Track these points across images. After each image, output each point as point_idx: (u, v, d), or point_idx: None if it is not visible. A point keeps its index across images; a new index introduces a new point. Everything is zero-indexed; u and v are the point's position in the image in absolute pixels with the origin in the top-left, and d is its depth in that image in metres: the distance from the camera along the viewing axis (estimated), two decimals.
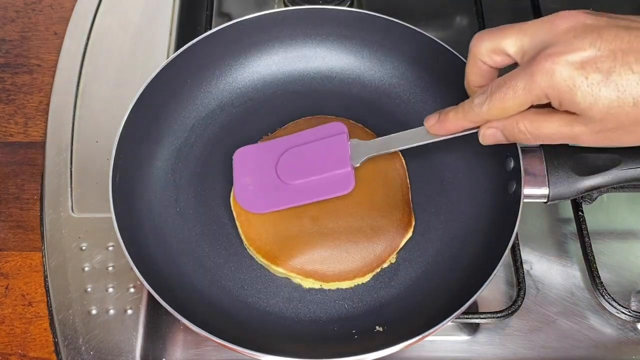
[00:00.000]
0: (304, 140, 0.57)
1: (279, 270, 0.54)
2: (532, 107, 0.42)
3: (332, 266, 0.54)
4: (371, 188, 0.56)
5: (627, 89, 0.38)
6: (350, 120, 0.61)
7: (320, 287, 0.54)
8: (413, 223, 0.56)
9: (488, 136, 0.46)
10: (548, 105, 0.42)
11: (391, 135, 0.54)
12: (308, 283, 0.54)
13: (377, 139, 0.55)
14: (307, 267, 0.54)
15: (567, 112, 0.41)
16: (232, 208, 0.57)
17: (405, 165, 0.59)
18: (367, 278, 0.54)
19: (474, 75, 0.47)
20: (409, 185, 0.58)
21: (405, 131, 0.52)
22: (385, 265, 0.55)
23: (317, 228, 0.54)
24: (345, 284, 0.54)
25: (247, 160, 0.57)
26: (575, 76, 0.39)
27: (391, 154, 0.58)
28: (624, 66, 0.38)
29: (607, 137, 0.41)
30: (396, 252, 0.55)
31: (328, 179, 0.54)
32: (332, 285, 0.54)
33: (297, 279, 0.54)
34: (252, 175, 0.56)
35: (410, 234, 0.56)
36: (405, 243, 0.56)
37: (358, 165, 0.55)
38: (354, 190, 0.55)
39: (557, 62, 0.39)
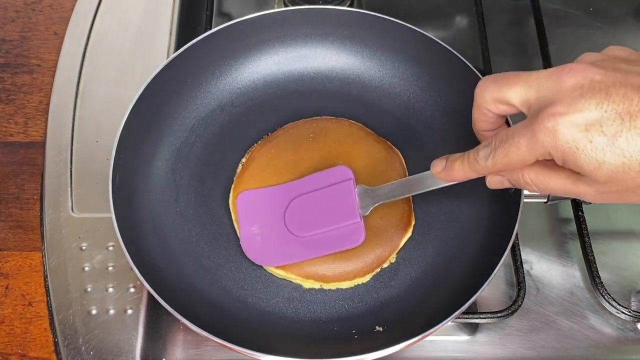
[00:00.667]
0: (310, 187, 0.55)
1: (278, 272, 0.54)
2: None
3: (331, 267, 0.54)
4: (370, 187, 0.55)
5: (633, 154, 0.36)
6: (350, 120, 0.61)
7: (320, 287, 0.54)
8: (413, 223, 0.56)
9: (494, 182, 0.46)
10: None
11: (399, 180, 0.53)
12: (308, 283, 0.54)
13: (384, 185, 0.53)
14: (307, 268, 0.54)
15: (573, 170, 0.40)
16: (232, 209, 0.57)
17: (405, 165, 0.59)
18: (367, 278, 0.54)
19: (480, 121, 0.46)
20: None
21: (413, 176, 0.51)
22: (385, 265, 0.55)
23: None
24: (345, 284, 0.54)
25: (252, 206, 0.56)
26: (578, 139, 0.37)
27: (390, 153, 0.58)
28: (631, 130, 0.36)
29: (612, 198, 0.40)
30: (396, 252, 0.55)
31: (337, 231, 0.53)
32: (332, 286, 0.54)
33: (297, 280, 0.54)
34: (259, 224, 0.55)
35: (409, 233, 0.56)
36: (405, 243, 0.56)
37: (367, 214, 0.53)
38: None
39: (560, 123, 0.37)
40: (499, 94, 0.42)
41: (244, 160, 0.59)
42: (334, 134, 0.59)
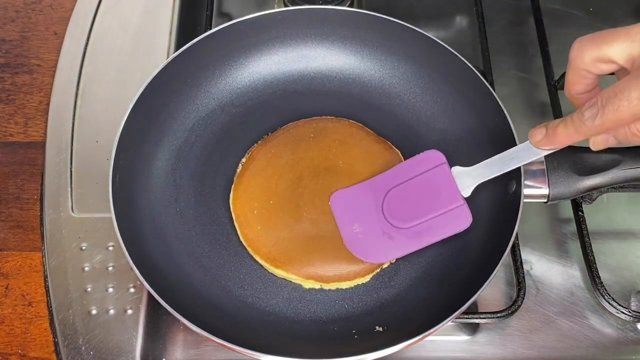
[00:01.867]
0: (403, 177, 0.54)
1: (278, 272, 0.54)
2: None
3: (331, 268, 0.54)
4: None
5: None
6: (351, 121, 0.61)
7: (320, 287, 0.54)
8: None
9: (599, 142, 0.45)
10: None
11: (495, 157, 0.51)
12: (308, 284, 0.54)
13: (481, 163, 0.52)
14: (307, 269, 0.54)
15: None
16: (232, 209, 0.57)
17: None
18: (367, 278, 0.55)
19: (576, 84, 0.45)
20: None
21: (509, 150, 0.50)
22: (385, 265, 0.55)
23: (316, 231, 0.55)
24: (345, 284, 0.54)
25: (348, 204, 0.55)
26: None
27: (390, 153, 0.58)
28: None
29: None
30: None
31: (442, 217, 0.52)
32: (332, 286, 0.54)
33: (298, 280, 0.54)
34: (359, 222, 0.54)
35: None
36: None
37: (469, 195, 0.52)
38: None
39: None
40: (599, 53, 0.42)
41: (244, 160, 0.60)
42: (334, 134, 0.59)
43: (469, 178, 0.52)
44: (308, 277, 0.54)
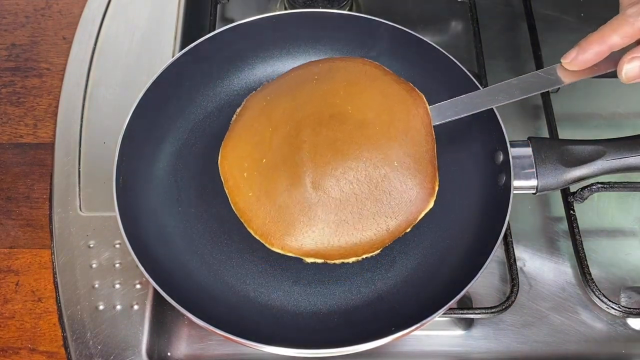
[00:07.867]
0: None
1: (274, 250, 0.48)
2: None
3: (336, 243, 0.46)
4: (386, 140, 0.46)
5: None
6: (364, 58, 0.57)
7: (323, 262, 0.48)
8: (436, 189, 0.47)
9: (631, 70, 0.44)
10: None
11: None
12: (310, 259, 0.47)
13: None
14: (307, 246, 0.46)
15: None
16: (220, 171, 0.50)
17: (430, 113, 0.48)
18: (376, 253, 0.48)
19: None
20: (435, 138, 0.47)
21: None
22: (377, 252, 0.49)
23: (317, 197, 0.45)
24: (351, 260, 0.47)
25: None
26: None
27: (414, 97, 0.48)
28: None
29: None
30: (413, 225, 0.47)
31: None
32: (337, 261, 0.47)
33: (308, 259, 0.48)
34: None
35: (432, 204, 0.47)
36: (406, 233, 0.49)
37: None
38: (363, 143, 0.45)
39: None
40: None
41: (238, 110, 0.54)
42: (344, 74, 0.48)
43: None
44: (308, 255, 0.47)
